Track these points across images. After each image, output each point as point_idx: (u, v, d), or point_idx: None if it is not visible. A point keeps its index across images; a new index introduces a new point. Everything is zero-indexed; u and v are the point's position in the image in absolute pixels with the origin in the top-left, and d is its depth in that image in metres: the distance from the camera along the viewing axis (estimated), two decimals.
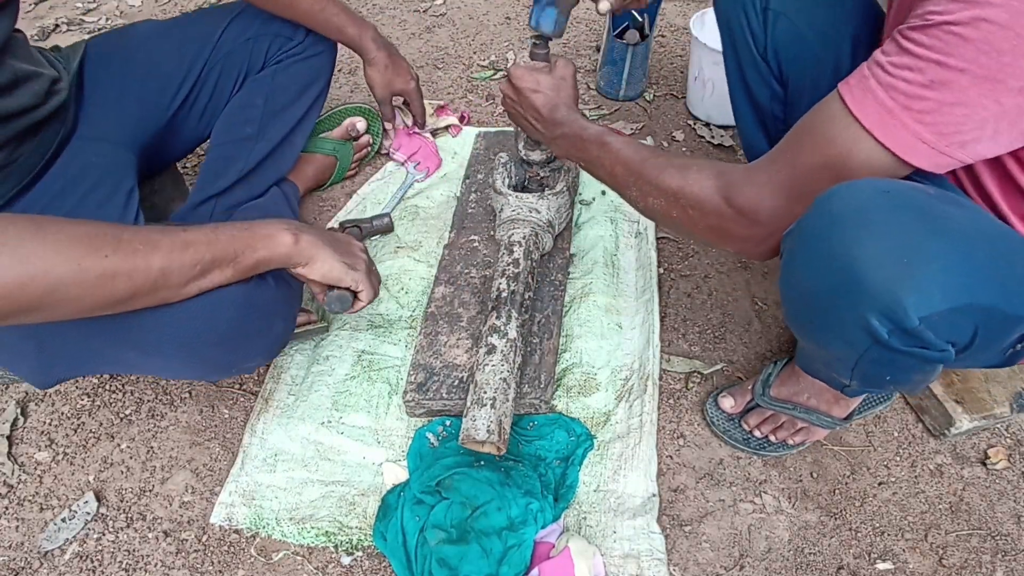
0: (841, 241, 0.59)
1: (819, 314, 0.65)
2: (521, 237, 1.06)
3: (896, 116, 0.58)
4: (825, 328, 0.65)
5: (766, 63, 0.93)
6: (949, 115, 0.57)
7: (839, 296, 0.60)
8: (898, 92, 0.58)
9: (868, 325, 0.59)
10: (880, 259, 0.57)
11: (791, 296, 0.68)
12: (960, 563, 0.86)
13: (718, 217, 0.73)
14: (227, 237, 0.72)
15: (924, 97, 0.57)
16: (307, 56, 1.16)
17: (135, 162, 0.99)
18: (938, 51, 0.55)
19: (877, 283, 0.57)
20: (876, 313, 0.58)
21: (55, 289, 0.59)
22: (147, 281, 0.65)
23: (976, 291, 0.57)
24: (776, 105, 0.96)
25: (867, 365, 0.65)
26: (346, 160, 1.35)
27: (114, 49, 1.02)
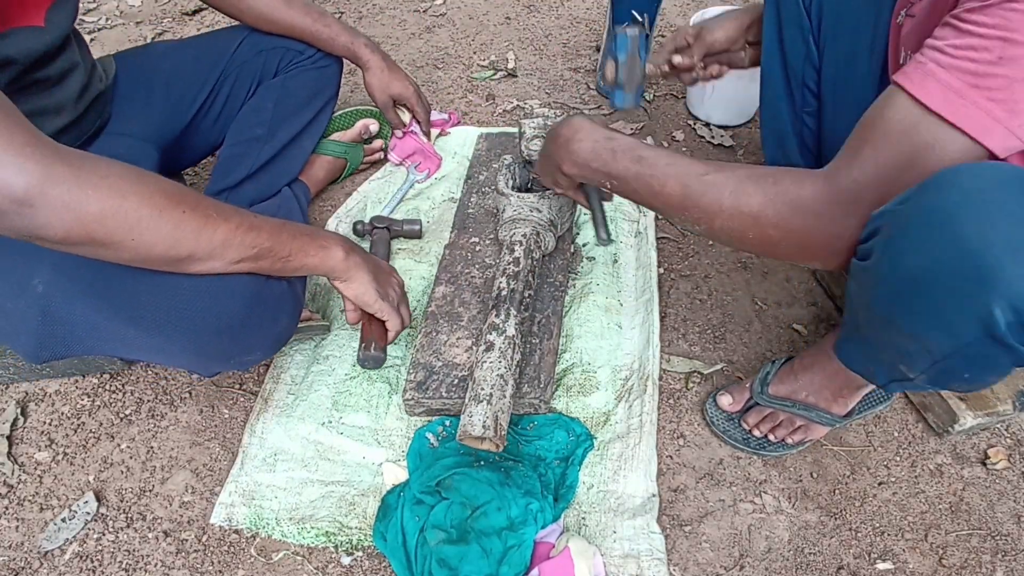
0: (973, 221, 0.54)
1: (928, 298, 0.59)
2: (522, 236, 1.06)
3: (965, 96, 0.56)
4: (930, 315, 0.60)
5: (809, 20, 0.89)
6: (1021, 92, 0.54)
7: (961, 280, 0.56)
8: (964, 72, 0.56)
9: (989, 315, 0.55)
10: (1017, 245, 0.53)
11: (891, 277, 0.61)
12: (960, 563, 0.86)
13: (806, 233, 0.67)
14: (288, 235, 0.77)
15: (993, 74, 0.55)
16: (317, 66, 1.22)
17: (158, 159, 1.06)
18: (1003, 28, 0.53)
19: (1012, 271, 0.53)
20: (1003, 303, 0.54)
21: (132, 228, 0.63)
22: (208, 246, 0.69)
23: None
24: (809, 69, 0.92)
25: (958, 359, 0.61)
26: (356, 162, 1.36)
27: (141, 60, 1.12)
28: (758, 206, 0.69)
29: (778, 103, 0.99)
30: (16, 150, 0.56)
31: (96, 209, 0.60)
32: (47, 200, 0.58)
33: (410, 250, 1.23)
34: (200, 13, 1.91)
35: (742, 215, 0.70)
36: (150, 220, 0.64)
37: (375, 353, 0.87)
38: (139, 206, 0.63)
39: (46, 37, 0.84)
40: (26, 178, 0.57)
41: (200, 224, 0.68)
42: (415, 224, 1.23)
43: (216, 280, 0.74)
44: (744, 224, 0.70)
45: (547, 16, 1.90)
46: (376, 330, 0.90)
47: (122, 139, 1.03)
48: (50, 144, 0.59)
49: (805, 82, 0.94)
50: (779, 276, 1.20)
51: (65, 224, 0.59)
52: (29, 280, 0.73)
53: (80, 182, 0.59)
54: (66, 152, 0.60)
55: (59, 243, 0.61)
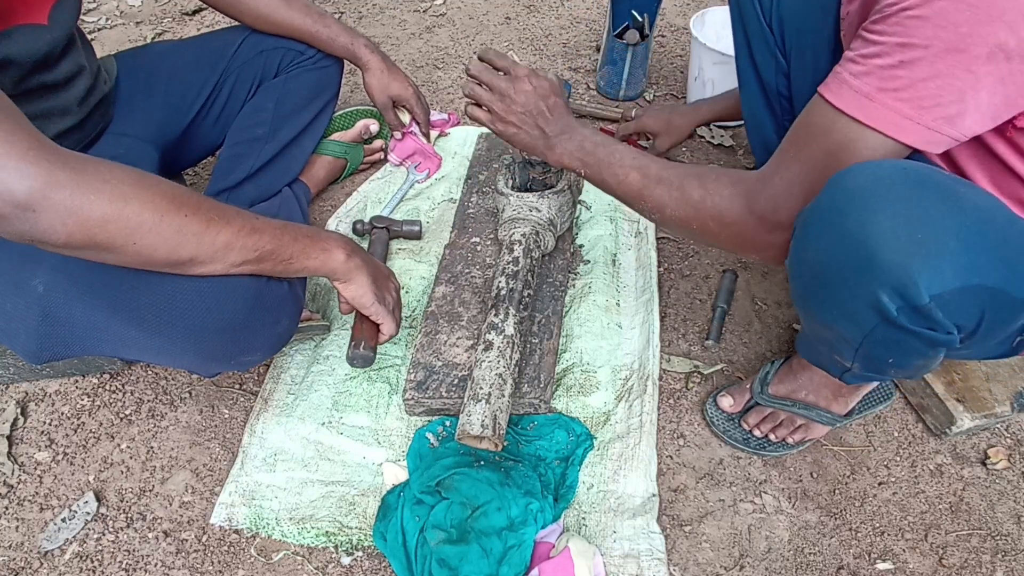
0: (855, 215, 0.59)
1: (828, 290, 0.64)
2: (521, 235, 1.06)
3: (873, 99, 0.60)
4: (833, 305, 0.65)
5: (772, 33, 0.93)
6: (924, 89, 0.58)
7: (850, 271, 0.60)
8: (870, 77, 0.60)
9: (878, 301, 0.59)
10: (894, 234, 0.57)
11: (800, 272, 0.67)
12: (960, 563, 0.86)
13: (742, 226, 0.74)
14: (290, 238, 0.77)
15: (896, 76, 0.59)
16: (318, 67, 1.22)
17: (158, 159, 1.07)
18: (900, 35, 0.58)
19: (890, 258, 0.57)
20: (887, 289, 0.58)
21: (133, 233, 0.63)
22: (210, 249, 0.69)
23: (986, 271, 0.57)
24: (781, 79, 0.95)
25: (871, 346, 0.65)
26: (356, 162, 1.37)
27: (141, 60, 1.12)
28: (698, 198, 0.76)
29: (759, 114, 1.02)
30: (19, 155, 0.56)
31: (98, 214, 0.60)
32: (49, 205, 0.58)
33: (410, 250, 1.23)
34: (200, 13, 1.91)
35: (686, 207, 0.78)
36: (152, 224, 0.64)
37: (364, 352, 0.87)
38: (140, 210, 0.63)
39: (48, 35, 0.84)
40: (28, 183, 0.57)
41: (202, 228, 0.68)
42: (415, 225, 1.23)
43: (217, 281, 0.74)
44: (688, 215, 0.78)
45: (547, 16, 1.90)
46: (368, 330, 0.90)
47: (122, 139, 1.03)
48: (52, 148, 0.59)
49: (780, 91, 0.97)
50: (779, 276, 1.20)
51: (67, 229, 0.59)
52: (29, 280, 0.73)
53: (82, 187, 0.59)
54: (68, 156, 0.60)
55: (61, 247, 0.61)
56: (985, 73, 0.57)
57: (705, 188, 0.76)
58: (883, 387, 0.97)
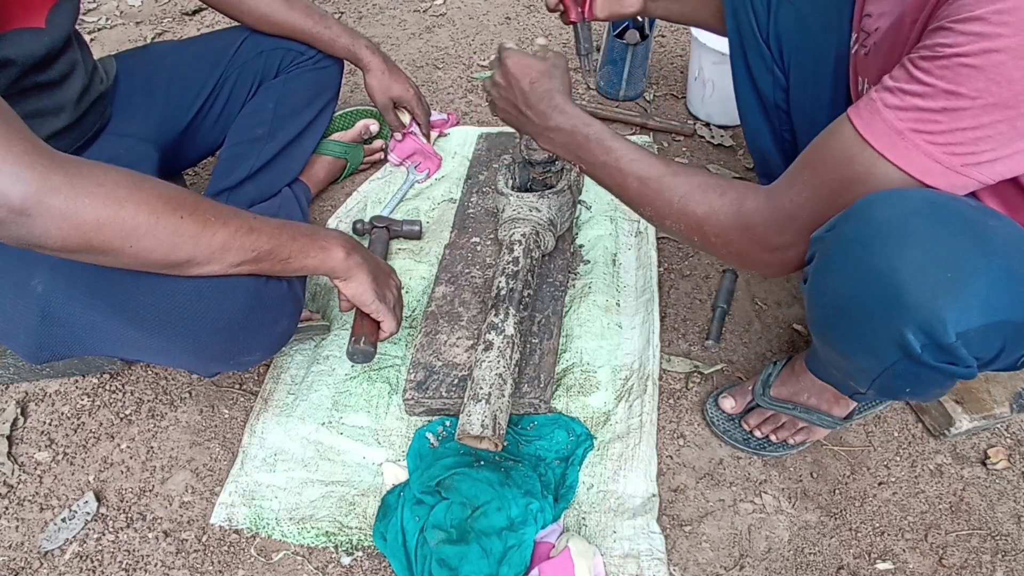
0: (883, 250, 0.57)
1: (850, 323, 0.63)
2: (521, 235, 1.06)
3: (907, 138, 0.58)
4: (854, 339, 0.64)
5: (769, 50, 0.92)
6: (962, 137, 0.56)
7: (875, 307, 0.59)
8: (908, 115, 0.58)
9: (903, 339, 0.58)
10: (923, 271, 0.56)
11: (820, 303, 0.66)
12: (960, 563, 0.86)
13: (745, 244, 0.72)
14: (288, 237, 0.76)
15: (936, 121, 0.57)
16: (318, 67, 1.22)
17: (158, 159, 1.06)
18: (949, 81, 0.55)
19: (918, 296, 0.56)
20: (913, 327, 0.57)
21: (129, 236, 0.63)
22: (207, 250, 0.69)
23: (1012, 306, 0.56)
24: (779, 93, 0.95)
25: (890, 378, 0.64)
26: (356, 162, 1.37)
27: (141, 60, 1.13)
28: (703, 214, 0.73)
29: (758, 126, 1.02)
30: (14, 159, 0.56)
31: (93, 217, 0.60)
32: (44, 209, 0.58)
33: (410, 250, 1.23)
34: (200, 13, 1.91)
35: (688, 220, 0.74)
36: (147, 227, 0.64)
37: (365, 347, 0.87)
38: (136, 213, 0.63)
39: (46, 38, 0.84)
40: (23, 187, 0.56)
41: (198, 229, 0.68)
42: (415, 225, 1.23)
43: (216, 281, 0.74)
44: (689, 228, 0.75)
45: (547, 16, 1.90)
46: (368, 326, 0.90)
47: (122, 139, 1.03)
48: (47, 152, 0.59)
49: (778, 104, 0.97)
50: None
51: (63, 232, 0.59)
52: (28, 280, 0.73)
53: (77, 191, 0.59)
54: (63, 160, 0.60)
55: (57, 251, 0.61)
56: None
57: (709, 204, 0.73)
58: None
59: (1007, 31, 0.52)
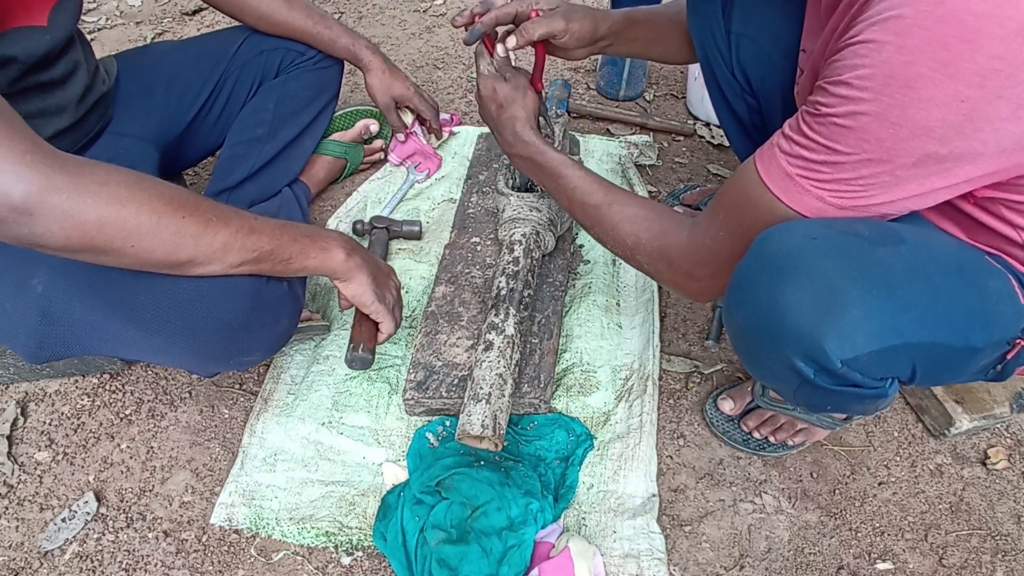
0: (766, 285, 0.62)
1: (751, 353, 0.67)
2: (521, 235, 1.06)
3: (797, 182, 0.61)
4: (758, 365, 0.68)
5: (737, 81, 0.95)
6: (847, 185, 0.59)
7: (765, 338, 0.63)
8: (797, 162, 0.61)
9: (794, 366, 0.61)
10: (800, 304, 0.59)
11: (730, 332, 0.70)
12: (960, 563, 0.86)
13: (671, 274, 0.78)
14: (289, 237, 0.77)
15: (820, 171, 0.60)
16: (319, 67, 1.22)
17: (158, 159, 1.06)
18: (826, 137, 0.58)
19: (798, 328, 0.59)
20: (800, 355, 0.60)
21: (130, 235, 0.63)
22: (208, 250, 0.69)
23: (908, 331, 0.59)
24: (754, 116, 0.97)
25: (804, 396, 0.67)
26: (356, 162, 1.37)
27: (141, 60, 1.13)
28: (632, 244, 0.80)
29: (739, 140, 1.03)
30: (16, 158, 0.56)
31: (94, 217, 0.60)
32: (46, 208, 0.58)
33: (410, 250, 1.23)
34: (200, 13, 1.91)
35: (622, 247, 0.81)
36: (149, 226, 0.64)
37: (363, 354, 0.87)
38: (138, 213, 0.63)
39: (48, 37, 0.84)
40: (25, 186, 0.57)
41: (200, 229, 0.68)
42: (415, 225, 1.23)
43: (216, 281, 0.74)
44: (625, 254, 0.82)
45: None
46: (367, 331, 0.90)
47: (122, 139, 1.03)
48: (50, 151, 0.59)
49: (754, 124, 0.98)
50: None
51: (64, 232, 0.59)
52: (28, 280, 0.73)
53: (79, 190, 0.59)
54: (65, 159, 0.60)
55: (59, 250, 0.61)
56: (912, 175, 0.57)
57: (636, 236, 0.79)
58: None
59: (868, 95, 0.54)
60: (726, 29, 0.92)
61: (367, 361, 0.88)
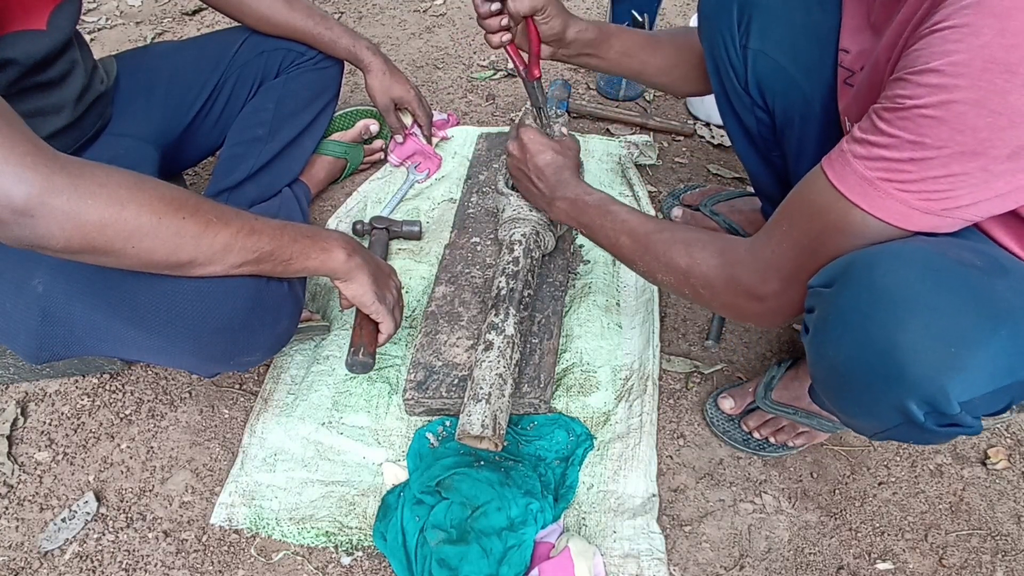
0: (884, 321, 0.56)
1: (850, 388, 0.62)
2: (521, 235, 1.06)
3: (878, 187, 0.58)
4: (854, 402, 0.63)
5: (749, 96, 0.92)
6: (935, 185, 0.56)
7: (876, 377, 0.58)
8: (877, 165, 0.57)
9: (905, 408, 0.57)
10: (925, 346, 0.54)
11: (821, 364, 0.64)
12: (960, 563, 0.86)
13: (729, 296, 0.73)
14: (290, 238, 0.77)
15: (905, 171, 0.56)
16: (319, 67, 1.22)
17: (158, 160, 1.06)
18: (913, 132, 0.54)
19: (921, 372, 0.54)
20: (916, 399, 0.56)
21: (131, 236, 0.63)
22: (209, 251, 0.69)
23: (1018, 369, 0.55)
24: (764, 129, 0.95)
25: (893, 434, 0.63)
26: (356, 162, 1.37)
27: (141, 60, 1.13)
28: (685, 266, 0.76)
29: (758, 171, 1.01)
30: (16, 160, 0.56)
31: (95, 218, 0.60)
32: (47, 210, 0.58)
33: (410, 250, 1.23)
34: (200, 13, 1.91)
35: (674, 272, 0.78)
36: (150, 227, 0.64)
37: (363, 359, 0.87)
38: (138, 214, 0.63)
39: (47, 40, 0.84)
40: (26, 188, 0.57)
41: (200, 230, 0.68)
42: (414, 225, 1.23)
43: (216, 282, 0.74)
44: (678, 280, 0.78)
45: None
46: (367, 333, 0.90)
47: (122, 140, 1.03)
48: (50, 153, 0.59)
49: (764, 137, 0.96)
50: None
51: (65, 234, 0.59)
52: (29, 280, 0.73)
53: (79, 191, 0.59)
54: (66, 161, 0.60)
55: (60, 252, 0.61)
56: (1005, 170, 0.54)
57: (692, 257, 0.75)
58: None
59: (963, 82, 0.51)
60: (742, 44, 0.89)
61: (368, 365, 0.88)
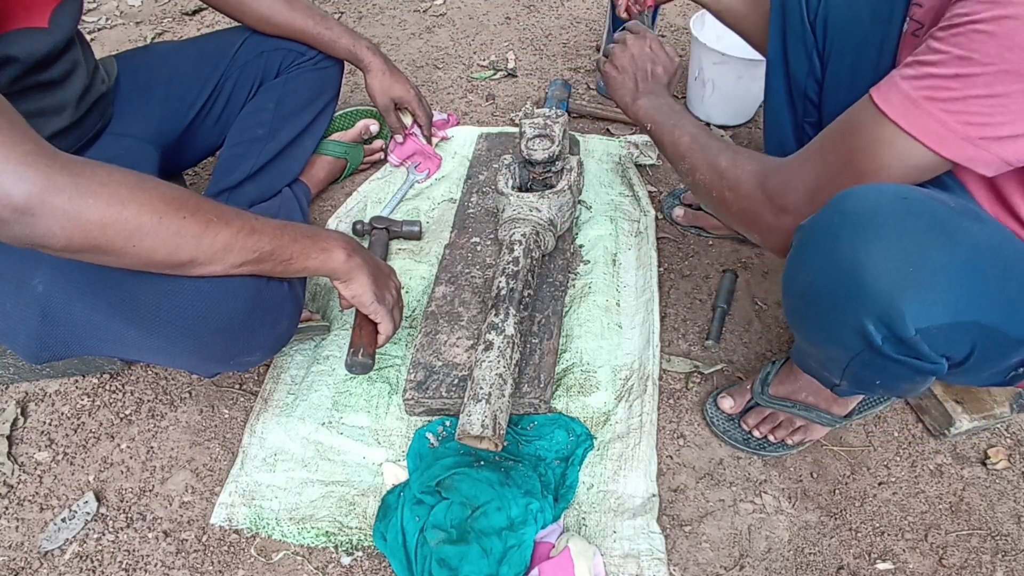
0: (849, 241, 0.58)
1: (816, 312, 0.64)
2: (521, 235, 1.06)
3: (920, 106, 0.58)
4: (820, 327, 0.65)
5: (814, 35, 0.91)
6: (976, 105, 0.56)
7: (838, 296, 0.60)
8: (922, 83, 0.58)
9: (863, 329, 0.58)
10: (885, 264, 0.56)
11: (792, 290, 0.67)
12: (960, 563, 0.86)
13: (750, 200, 0.75)
14: (290, 238, 0.77)
15: (949, 87, 0.56)
16: (319, 67, 1.22)
17: (158, 160, 1.06)
18: (963, 47, 0.55)
19: (878, 288, 0.56)
20: (873, 318, 0.58)
21: (132, 235, 0.63)
22: (209, 251, 0.69)
23: (980, 309, 0.56)
24: (812, 83, 0.94)
25: (858, 368, 0.65)
26: (356, 162, 1.37)
27: (142, 61, 1.12)
28: (725, 166, 0.79)
29: (780, 112, 1.01)
30: (18, 159, 0.56)
31: (96, 217, 0.60)
32: (48, 209, 0.58)
33: (410, 250, 1.23)
34: (200, 13, 1.91)
35: (713, 171, 0.81)
36: (150, 227, 0.64)
37: (363, 359, 0.87)
38: (139, 213, 0.63)
39: (49, 38, 0.84)
40: (27, 187, 0.57)
41: (201, 229, 0.68)
42: (414, 225, 1.23)
43: (217, 282, 0.74)
44: (712, 181, 0.81)
45: (547, 16, 1.90)
46: (367, 334, 0.90)
47: (122, 139, 1.03)
48: (51, 152, 0.59)
49: (807, 94, 0.96)
50: (779, 276, 1.20)
51: (66, 233, 0.60)
52: (29, 280, 0.73)
53: (80, 190, 0.59)
54: (67, 160, 0.60)
55: (60, 251, 0.62)
56: None
57: (734, 160, 0.78)
58: None
59: None
60: None
61: (367, 366, 0.88)
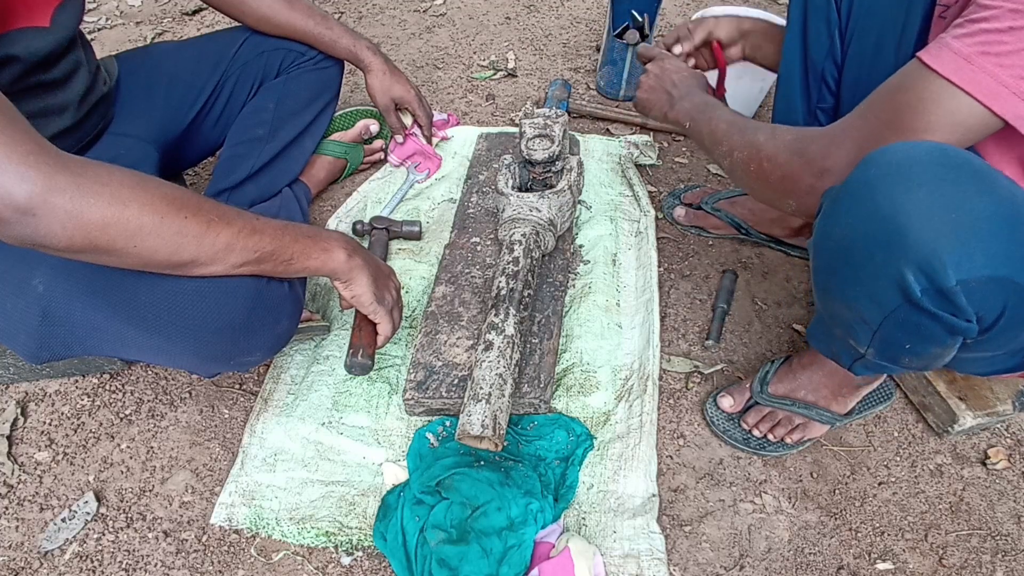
0: (888, 191, 0.57)
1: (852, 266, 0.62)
2: (521, 235, 1.06)
3: (973, 61, 0.57)
4: (856, 281, 0.63)
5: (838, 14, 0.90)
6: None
7: (877, 247, 0.58)
8: (975, 39, 0.57)
9: (903, 279, 0.57)
10: (928, 212, 0.55)
11: (824, 248, 0.65)
12: (960, 563, 0.86)
13: (789, 166, 0.74)
14: (291, 238, 0.77)
15: (1003, 41, 0.56)
16: (319, 67, 1.22)
17: (158, 160, 1.06)
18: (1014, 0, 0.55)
19: (921, 236, 0.55)
20: (914, 267, 0.56)
21: (133, 235, 0.63)
22: (211, 251, 0.69)
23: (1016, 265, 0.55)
24: (830, 65, 0.93)
25: (890, 328, 0.63)
26: (356, 162, 1.37)
27: (142, 61, 1.12)
28: (763, 139, 0.79)
29: (793, 96, 0.99)
30: (19, 159, 0.56)
31: (97, 217, 0.60)
32: (49, 209, 0.58)
33: (410, 250, 1.23)
34: (200, 13, 1.91)
35: (750, 148, 0.80)
36: (152, 227, 0.64)
37: (362, 360, 0.88)
38: (140, 213, 0.63)
39: (51, 37, 0.84)
40: (28, 187, 0.57)
41: (202, 230, 0.68)
42: (414, 225, 1.23)
43: (217, 282, 0.74)
44: (749, 156, 0.80)
45: (547, 16, 1.90)
46: (367, 335, 0.90)
47: (123, 139, 1.03)
48: (53, 152, 0.59)
49: (824, 78, 0.94)
50: (779, 276, 1.20)
51: (67, 232, 0.60)
52: (29, 280, 0.73)
53: (82, 190, 0.59)
54: (68, 160, 0.60)
55: (62, 251, 0.62)
56: None
57: (772, 133, 0.78)
58: (883, 387, 0.97)
59: None
60: None
61: (367, 367, 0.88)
